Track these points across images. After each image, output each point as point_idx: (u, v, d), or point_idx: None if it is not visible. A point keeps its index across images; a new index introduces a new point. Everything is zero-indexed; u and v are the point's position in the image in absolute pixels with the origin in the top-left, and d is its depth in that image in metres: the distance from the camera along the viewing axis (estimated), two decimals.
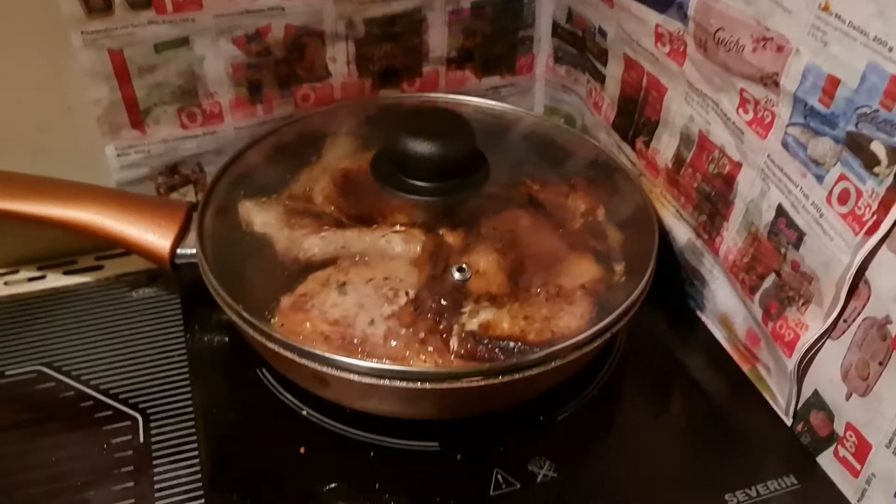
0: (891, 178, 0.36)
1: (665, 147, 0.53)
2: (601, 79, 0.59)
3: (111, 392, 0.50)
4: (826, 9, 0.37)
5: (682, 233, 0.53)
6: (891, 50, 0.35)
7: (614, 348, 0.51)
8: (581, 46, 0.60)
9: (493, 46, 0.62)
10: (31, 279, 0.59)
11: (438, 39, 0.60)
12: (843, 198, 0.39)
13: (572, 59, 0.62)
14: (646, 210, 0.51)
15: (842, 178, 0.39)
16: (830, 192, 0.40)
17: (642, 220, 0.51)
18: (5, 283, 0.58)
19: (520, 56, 0.64)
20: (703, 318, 0.53)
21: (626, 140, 0.57)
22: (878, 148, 0.36)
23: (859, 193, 0.38)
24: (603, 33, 0.57)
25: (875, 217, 0.37)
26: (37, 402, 0.50)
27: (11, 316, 0.55)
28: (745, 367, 0.50)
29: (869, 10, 0.35)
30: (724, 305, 0.50)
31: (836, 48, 0.37)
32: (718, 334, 0.52)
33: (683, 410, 0.48)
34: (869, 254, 0.38)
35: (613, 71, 0.57)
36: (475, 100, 0.61)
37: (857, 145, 0.37)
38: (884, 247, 0.38)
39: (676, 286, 0.55)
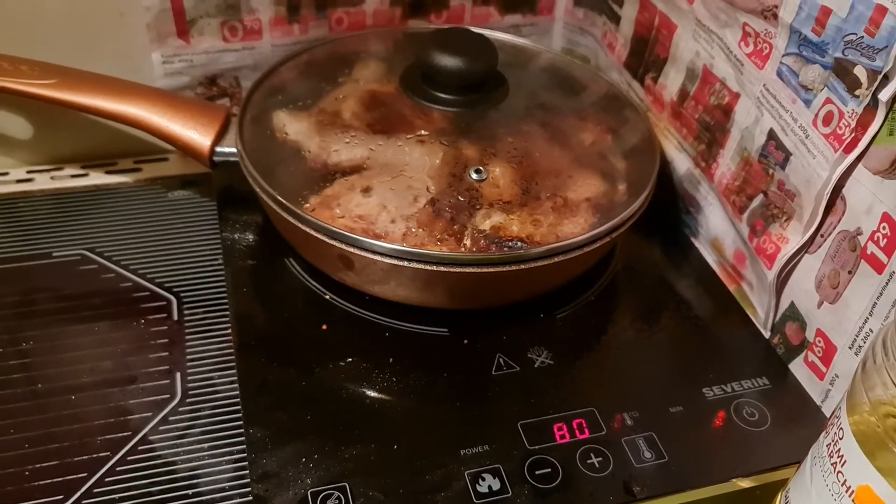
0: (868, 99, 0.40)
1: (671, 82, 0.57)
2: (616, 20, 0.62)
3: (147, 276, 0.55)
4: None
5: (682, 163, 0.57)
6: None
7: (612, 262, 0.55)
8: None
9: None
10: (73, 176, 0.63)
11: None
12: (827, 119, 0.43)
13: (590, 2, 0.66)
14: (650, 141, 0.55)
15: (827, 101, 0.43)
16: (816, 115, 0.44)
17: (646, 149, 0.55)
18: (51, 178, 0.63)
19: None
20: (697, 244, 0.58)
21: (636, 78, 0.61)
22: (860, 72, 0.40)
23: (841, 115, 0.42)
24: None
25: (853, 135, 0.41)
26: (80, 282, 0.54)
27: (57, 206, 0.60)
28: (731, 287, 0.54)
29: None
30: (716, 229, 0.55)
31: None
32: (709, 258, 0.56)
33: (671, 322, 0.53)
34: (846, 171, 0.42)
35: (628, 12, 0.61)
36: (497, 34, 0.64)
37: (842, 70, 0.41)
38: (860, 164, 0.42)
39: (674, 214, 0.59)
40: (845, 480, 0.34)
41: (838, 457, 0.35)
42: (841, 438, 0.35)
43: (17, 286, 0.54)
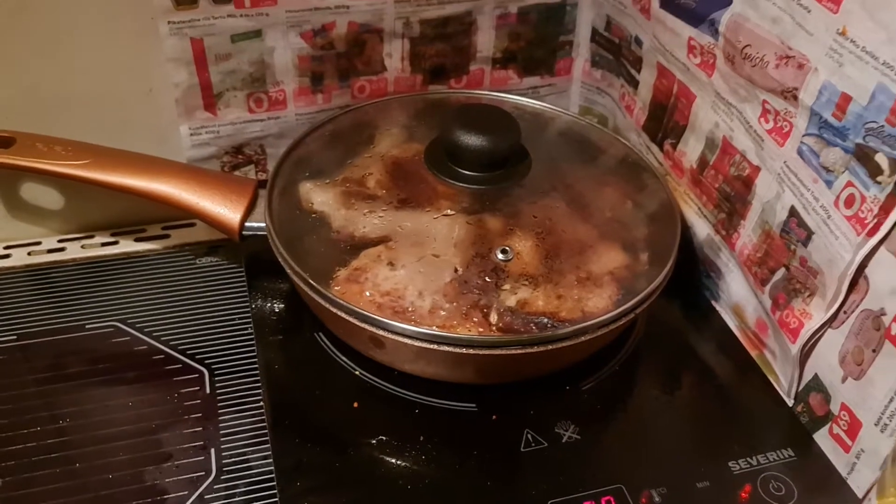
0: (891, 186, 0.41)
1: (691, 150, 0.58)
2: (635, 84, 0.64)
3: (179, 348, 0.56)
4: (843, 34, 0.42)
5: (702, 229, 0.58)
6: None
7: (635, 330, 0.56)
8: (617, 53, 0.65)
9: (536, 49, 0.67)
10: (104, 244, 0.65)
11: (486, 41, 0.65)
12: (849, 202, 0.44)
13: (608, 65, 0.67)
14: (670, 206, 0.56)
15: (849, 184, 0.44)
16: (838, 197, 0.44)
17: (667, 215, 0.56)
18: (82, 247, 0.64)
19: (559, 59, 0.69)
20: (718, 308, 0.58)
21: (654, 141, 0.62)
22: (881, 159, 0.41)
23: (863, 199, 0.43)
24: (639, 42, 0.61)
25: (876, 220, 0.42)
26: (114, 354, 0.56)
27: (88, 275, 0.61)
28: (753, 353, 0.55)
29: (880, 38, 0.40)
30: (737, 296, 0.55)
31: (850, 69, 0.42)
32: (731, 322, 0.57)
33: (695, 388, 0.53)
34: (869, 253, 0.43)
35: (647, 78, 0.62)
36: (516, 98, 0.66)
37: (863, 156, 0.42)
38: (882, 247, 0.42)
39: (695, 278, 0.60)
40: None
41: None
42: None
43: (52, 359, 0.55)
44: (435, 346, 0.46)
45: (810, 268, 0.47)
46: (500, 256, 0.51)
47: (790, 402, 0.52)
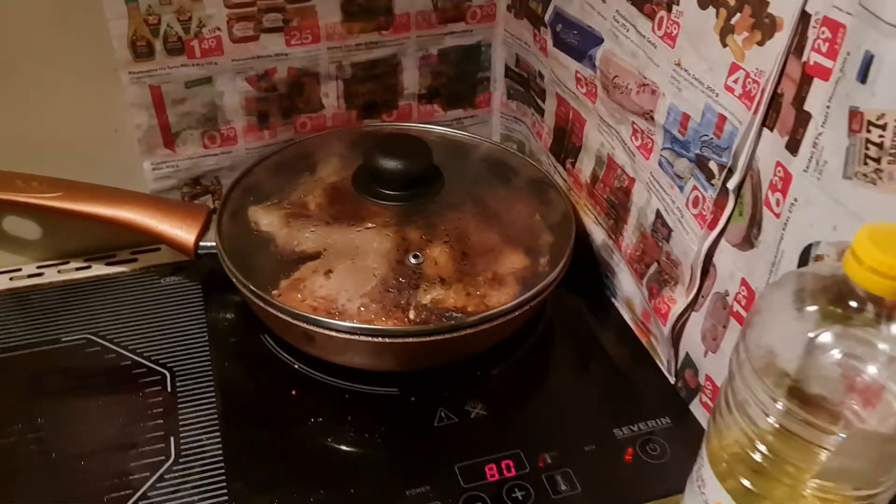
0: (719, 187, 0.50)
1: (585, 167, 0.67)
2: (541, 112, 0.73)
3: (145, 355, 0.64)
4: (679, 65, 0.51)
5: (598, 235, 0.67)
6: (717, 95, 0.48)
7: (540, 323, 0.64)
8: (527, 86, 0.75)
9: (457, 85, 0.77)
10: (78, 268, 0.72)
11: (411, 79, 0.75)
12: (696, 203, 0.53)
13: (521, 96, 0.77)
14: (569, 216, 0.65)
15: (694, 188, 0.53)
16: (688, 199, 0.53)
17: (566, 224, 0.65)
18: (58, 272, 0.72)
19: (479, 93, 0.78)
20: (615, 303, 0.67)
21: (559, 161, 0.71)
22: (713, 165, 0.50)
23: (704, 199, 0.52)
24: (541, 76, 0.71)
25: (713, 216, 0.51)
26: (86, 363, 0.63)
27: (64, 296, 0.69)
28: (643, 340, 0.63)
29: (704, 67, 0.49)
30: (627, 291, 0.64)
31: (686, 93, 0.51)
32: (625, 314, 0.66)
33: (592, 372, 0.62)
34: (713, 244, 0.52)
35: (549, 106, 0.71)
36: (441, 129, 0.75)
37: (702, 164, 0.51)
38: (723, 239, 0.51)
39: (595, 278, 0.69)
40: (706, 499, 0.43)
41: (701, 481, 0.44)
42: (702, 467, 0.44)
43: (30, 370, 0.62)
44: (356, 338, 0.54)
45: (673, 260, 0.56)
46: (413, 261, 0.59)
47: (672, 380, 0.60)
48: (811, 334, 0.37)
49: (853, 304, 0.36)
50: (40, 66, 0.63)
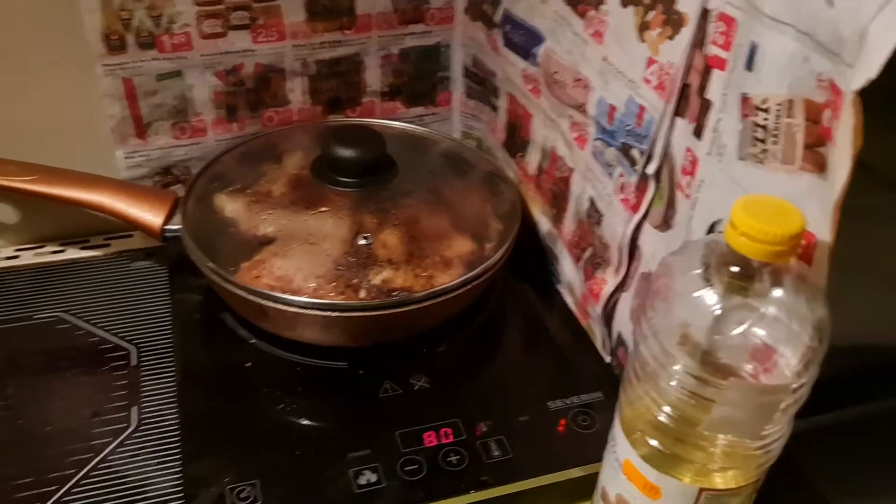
0: (640, 172, 0.54)
1: (532, 160, 0.71)
2: (496, 109, 0.77)
3: (112, 331, 0.67)
4: (606, 59, 0.55)
5: (544, 224, 0.71)
6: (638, 87, 0.52)
7: (488, 306, 0.68)
8: (483, 85, 0.79)
9: (418, 84, 0.81)
10: (53, 252, 0.76)
11: (374, 77, 0.79)
12: (622, 189, 0.56)
13: (478, 95, 0.81)
14: (516, 206, 0.69)
15: (621, 175, 0.56)
16: (616, 185, 0.57)
17: (514, 214, 0.69)
18: (35, 254, 0.76)
19: (439, 92, 0.82)
20: (560, 289, 0.71)
21: (511, 156, 0.75)
22: (635, 153, 0.54)
23: (629, 185, 0.55)
24: (495, 75, 0.75)
25: (636, 200, 0.55)
26: (56, 339, 0.67)
27: (39, 277, 0.73)
28: (583, 323, 0.67)
29: (626, 61, 0.53)
30: (569, 276, 0.68)
31: (613, 86, 0.55)
32: (568, 299, 0.69)
33: (533, 351, 0.65)
34: (638, 227, 0.56)
35: (502, 103, 0.75)
36: (402, 124, 0.79)
37: (626, 151, 0.55)
38: (646, 222, 0.55)
39: (542, 266, 0.72)
40: (617, 456, 0.47)
41: (613, 441, 0.47)
42: (614, 429, 0.47)
43: (2, 346, 0.66)
44: (306, 311, 0.58)
45: (604, 244, 0.60)
46: (362, 241, 0.63)
47: (607, 358, 0.63)
48: (709, 302, 0.41)
49: (736, 269, 0.39)
50: (18, 56, 0.67)
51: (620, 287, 0.59)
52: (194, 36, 0.70)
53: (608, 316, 0.61)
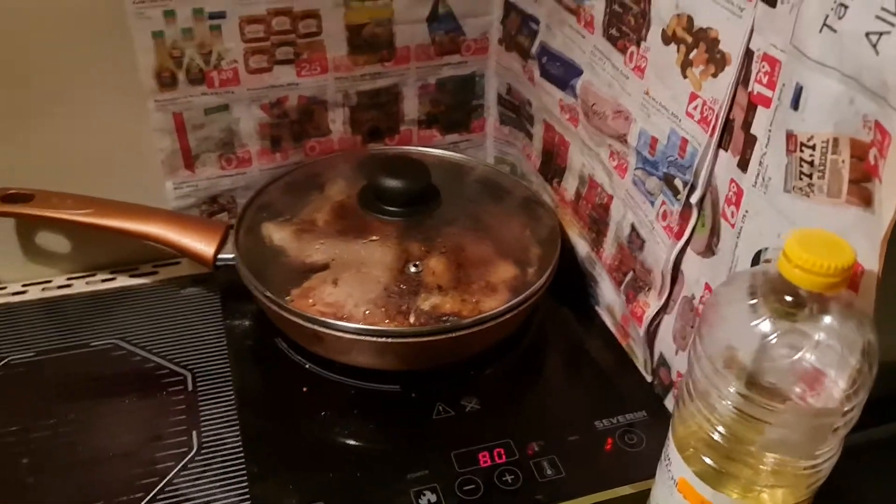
0: (684, 201, 0.56)
1: (570, 186, 0.73)
2: (531, 136, 0.79)
3: (167, 357, 0.70)
4: (647, 93, 0.58)
5: (582, 248, 0.73)
6: (680, 121, 0.55)
7: (531, 329, 0.70)
8: (518, 112, 0.81)
9: (453, 112, 0.83)
10: (104, 280, 0.79)
11: (412, 107, 0.81)
12: (665, 216, 0.59)
13: (512, 122, 0.83)
14: (555, 231, 0.71)
15: (663, 203, 0.59)
16: (658, 213, 0.60)
17: (552, 239, 0.71)
18: (87, 283, 0.78)
19: (474, 119, 0.85)
20: (598, 310, 0.73)
21: (547, 181, 0.78)
22: (678, 182, 0.57)
23: (672, 213, 0.58)
24: (530, 104, 0.78)
25: (679, 227, 0.57)
26: (113, 365, 0.69)
27: (92, 305, 0.75)
28: (623, 343, 0.69)
29: (668, 95, 0.56)
30: (609, 298, 0.70)
31: (654, 118, 0.58)
32: (607, 320, 0.72)
33: (577, 372, 0.68)
34: (680, 252, 0.58)
35: (538, 131, 0.77)
36: (440, 151, 0.81)
37: (669, 181, 0.58)
38: (689, 248, 0.57)
39: (580, 288, 0.75)
40: (671, 474, 0.49)
41: (668, 459, 0.50)
42: (668, 447, 0.49)
43: (62, 372, 0.68)
44: (362, 338, 0.60)
45: (646, 268, 0.62)
46: (413, 270, 0.65)
47: (649, 378, 0.66)
48: (759, 328, 0.43)
49: (788, 298, 0.42)
50: (75, 94, 0.70)
51: (662, 310, 0.61)
52: (241, 71, 0.73)
53: (650, 337, 0.63)
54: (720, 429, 0.45)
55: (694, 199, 0.55)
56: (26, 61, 0.67)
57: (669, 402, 0.63)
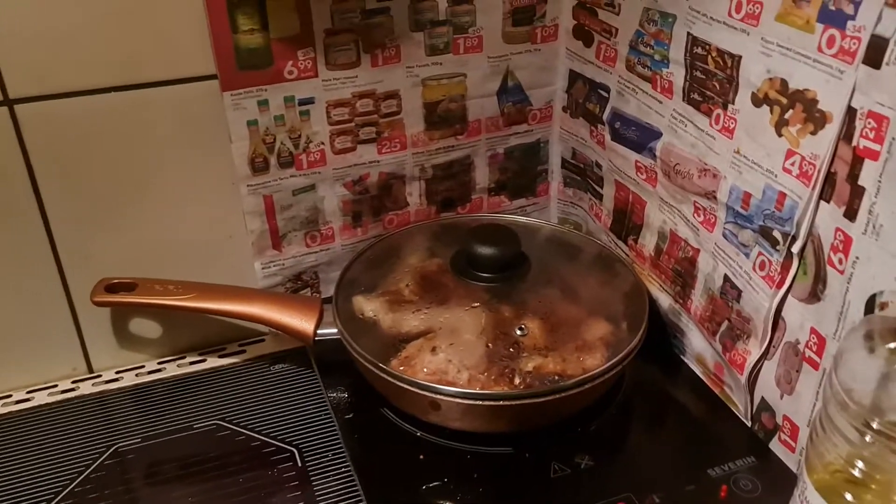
0: (784, 252, 0.59)
1: (648, 242, 0.76)
2: (599, 197, 0.83)
3: (270, 435, 0.71)
4: (738, 152, 0.61)
5: (665, 300, 0.76)
6: (776, 176, 0.58)
7: (624, 383, 0.72)
8: (583, 175, 0.85)
9: (520, 178, 0.87)
10: (193, 362, 0.80)
11: (482, 176, 0.85)
12: (762, 266, 0.62)
13: (577, 184, 0.87)
14: (638, 287, 0.74)
15: (760, 254, 0.62)
16: (754, 263, 0.62)
17: (636, 293, 0.73)
18: (177, 366, 0.80)
19: (539, 184, 0.89)
20: (685, 360, 0.75)
21: (620, 239, 0.81)
22: (777, 234, 0.59)
23: (770, 263, 0.61)
24: (598, 166, 0.81)
25: (780, 276, 0.60)
26: (221, 445, 0.70)
27: (188, 387, 0.76)
28: (716, 390, 0.71)
29: (761, 153, 0.59)
30: (698, 348, 0.72)
31: (747, 175, 0.61)
32: (696, 370, 0.74)
33: (675, 421, 0.70)
34: (781, 300, 0.61)
35: (608, 191, 0.81)
36: (509, 216, 0.84)
37: (766, 233, 0.61)
38: (790, 295, 0.60)
39: (664, 339, 0.77)
40: None
41: (805, 500, 0.51)
42: (805, 489, 0.51)
43: (171, 455, 0.69)
44: (479, 402, 0.62)
45: (744, 317, 0.65)
46: (519, 332, 0.67)
47: (749, 423, 0.68)
48: (884, 370, 0.45)
49: None
50: (170, 184, 0.73)
51: (763, 356, 0.64)
52: (328, 152, 0.76)
53: (751, 384, 0.66)
54: (860, 463, 0.46)
55: (795, 248, 0.58)
56: (130, 157, 0.70)
57: (776, 446, 0.65)
